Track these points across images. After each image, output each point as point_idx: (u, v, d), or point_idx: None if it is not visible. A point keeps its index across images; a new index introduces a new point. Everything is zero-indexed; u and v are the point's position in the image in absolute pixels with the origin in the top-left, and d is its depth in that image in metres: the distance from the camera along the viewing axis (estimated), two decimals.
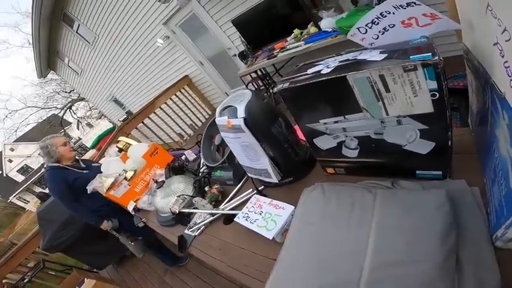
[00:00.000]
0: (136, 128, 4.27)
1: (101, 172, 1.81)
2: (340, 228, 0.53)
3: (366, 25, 0.53)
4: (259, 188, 0.94)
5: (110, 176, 1.67)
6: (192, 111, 4.79)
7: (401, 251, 0.44)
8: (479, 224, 0.47)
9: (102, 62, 6.16)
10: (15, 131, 16.04)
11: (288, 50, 2.36)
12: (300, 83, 0.56)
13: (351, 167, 0.70)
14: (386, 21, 0.51)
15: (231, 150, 1.10)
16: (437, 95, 0.45)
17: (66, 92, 14.27)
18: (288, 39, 2.51)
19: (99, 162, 2.30)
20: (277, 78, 3.49)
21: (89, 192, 1.74)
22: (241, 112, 0.71)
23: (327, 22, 2.01)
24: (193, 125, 4.78)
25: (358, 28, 0.55)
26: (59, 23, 5.81)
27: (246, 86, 3.72)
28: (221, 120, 0.80)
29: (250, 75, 3.68)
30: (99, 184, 1.69)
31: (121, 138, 2.16)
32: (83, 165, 2.06)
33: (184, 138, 4.78)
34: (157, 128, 4.35)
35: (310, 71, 0.59)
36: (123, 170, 1.72)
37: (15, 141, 20.86)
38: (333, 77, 0.51)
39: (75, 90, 11.86)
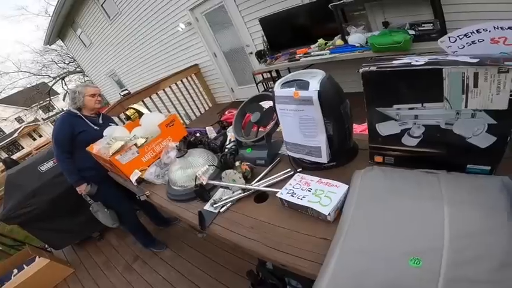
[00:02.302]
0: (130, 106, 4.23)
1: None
2: (412, 201, 0.59)
3: (458, 36, 0.62)
4: (298, 170, 0.96)
5: (119, 139, 1.59)
6: (193, 100, 4.80)
7: (477, 222, 0.51)
8: None
9: (115, 38, 6.23)
10: (0, 92, 15.55)
11: (311, 56, 2.47)
12: (391, 69, 0.63)
13: (403, 157, 0.77)
14: (478, 36, 0.61)
15: (270, 129, 1.16)
16: None
17: (64, 63, 14.41)
18: (312, 46, 2.63)
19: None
20: None
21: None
22: (314, 85, 0.77)
23: (356, 37, 2.14)
24: (188, 115, 4.75)
25: (449, 37, 0.64)
26: None
27: (257, 85, 3.80)
28: (284, 92, 0.85)
29: (263, 75, 3.77)
30: (107, 145, 1.59)
31: (133, 105, 2.14)
32: (100, 121, 2.00)
33: None
34: (154, 109, 4.32)
35: (396, 62, 0.66)
36: (134, 135, 1.65)
37: None
38: (429, 68, 0.59)
39: (75, 62, 11.95)
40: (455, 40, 0.64)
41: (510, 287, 0.43)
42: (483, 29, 0.59)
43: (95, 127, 1.92)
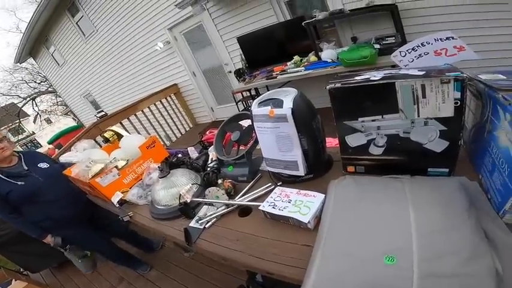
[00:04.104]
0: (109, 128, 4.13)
1: (49, 176, 1.73)
2: (381, 205, 0.64)
3: (407, 50, 0.70)
4: (278, 184, 1.00)
5: (99, 162, 1.59)
6: (173, 120, 4.74)
7: (440, 220, 0.56)
8: (487, 205, 0.62)
9: (90, 57, 6.07)
10: None
11: (288, 73, 2.58)
12: (353, 84, 0.70)
13: (372, 165, 0.83)
14: (423, 49, 0.69)
15: (250, 147, 1.20)
16: (459, 103, 0.62)
17: (36, 83, 13.79)
18: (288, 64, 2.75)
19: (60, 158, 2.02)
20: None
21: None
22: (288, 103, 0.82)
23: (328, 53, 2.28)
24: (168, 136, 4.68)
25: (400, 51, 0.71)
26: (64, 11, 5.70)
27: (236, 104, 3.85)
28: (260, 110, 0.90)
29: (242, 94, 3.85)
30: (86, 168, 1.57)
31: (112, 127, 2.13)
32: (25, 168, 1.70)
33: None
34: (133, 130, 4.24)
35: (358, 78, 0.73)
36: (114, 157, 1.67)
37: None
38: (384, 82, 0.66)
39: (47, 82, 11.52)
40: (405, 54, 0.71)
41: (476, 280, 0.47)
42: (426, 42, 0.67)
43: (19, 182, 1.62)
